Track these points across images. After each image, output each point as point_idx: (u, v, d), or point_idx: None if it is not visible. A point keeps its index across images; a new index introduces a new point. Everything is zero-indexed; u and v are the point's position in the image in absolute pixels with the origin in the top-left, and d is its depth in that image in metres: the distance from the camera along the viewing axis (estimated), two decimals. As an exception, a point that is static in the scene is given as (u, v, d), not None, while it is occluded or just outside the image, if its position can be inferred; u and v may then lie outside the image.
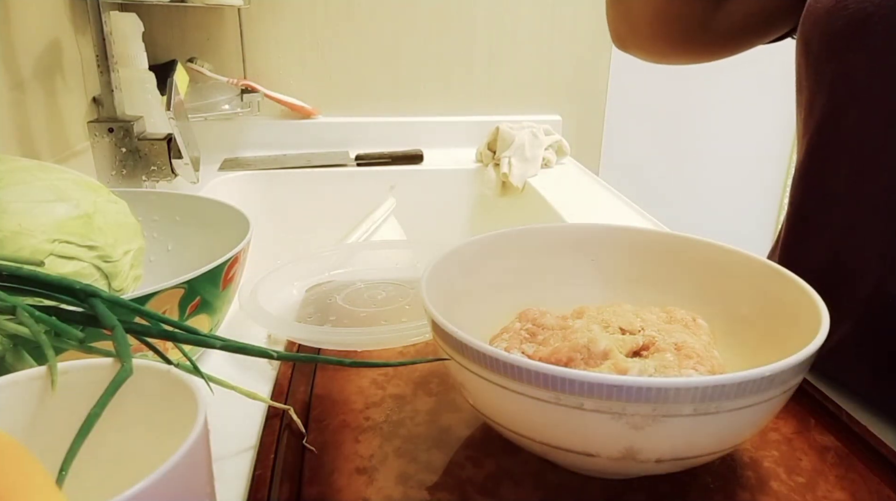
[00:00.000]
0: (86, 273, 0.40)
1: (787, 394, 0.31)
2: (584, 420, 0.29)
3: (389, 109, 1.20)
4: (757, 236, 1.48)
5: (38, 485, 0.21)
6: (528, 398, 0.29)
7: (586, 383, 0.27)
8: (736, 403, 0.28)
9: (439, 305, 0.35)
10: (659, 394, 0.27)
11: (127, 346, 0.28)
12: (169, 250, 0.56)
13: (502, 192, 1.05)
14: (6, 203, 0.39)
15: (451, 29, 1.18)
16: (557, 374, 0.28)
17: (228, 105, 1.09)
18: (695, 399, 0.27)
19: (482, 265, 0.44)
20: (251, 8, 1.09)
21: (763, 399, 0.29)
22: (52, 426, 0.27)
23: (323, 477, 0.35)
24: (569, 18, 1.20)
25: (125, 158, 0.75)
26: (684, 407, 0.27)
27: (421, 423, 0.39)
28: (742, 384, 0.27)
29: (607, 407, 0.28)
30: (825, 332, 0.31)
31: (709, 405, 0.28)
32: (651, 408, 0.27)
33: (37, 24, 0.76)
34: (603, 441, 0.29)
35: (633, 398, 0.27)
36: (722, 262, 0.43)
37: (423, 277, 0.38)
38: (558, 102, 1.26)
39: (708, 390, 0.27)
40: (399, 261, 0.64)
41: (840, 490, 0.34)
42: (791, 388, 0.31)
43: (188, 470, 0.23)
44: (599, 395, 0.27)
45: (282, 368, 0.45)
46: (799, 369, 0.29)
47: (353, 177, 1.06)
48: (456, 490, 0.34)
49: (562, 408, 0.29)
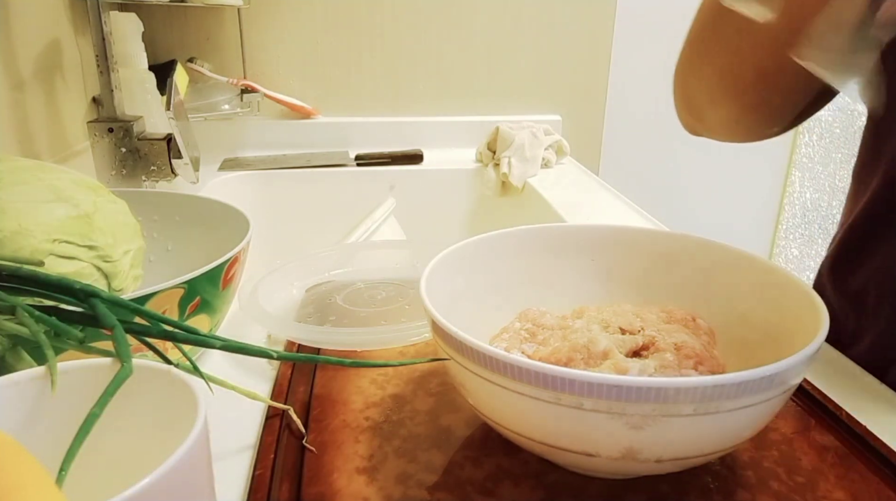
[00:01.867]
0: (85, 273, 0.40)
1: (787, 394, 0.31)
2: (584, 420, 0.28)
3: (389, 108, 1.20)
4: (757, 235, 1.48)
5: (38, 485, 0.21)
6: (528, 398, 0.29)
7: (586, 383, 0.27)
8: (736, 403, 0.28)
9: (439, 305, 0.35)
10: (659, 394, 0.27)
11: (127, 346, 0.28)
12: (169, 250, 0.56)
13: (502, 192, 1.05)
14: (6, 203, 0.39)
15: (451, 29, 1.18)
16: (557, 374, 0.28)
17: (228, 105, 1.09)
18: (695, 399, 0.27)
19: (482, 265, 0.44)
20: (251, 8, 1.09)
21: (763, 399, 0.29)
22: (52, 426, 0.27)
23: (323, 477, 0.35)
24: (569, 18, 1.20)
25: (125, 158, 0.75)
26: (684, 407, 0.27)
27: (421, 423, 0.39)
28: (742, 384, 0.27)
29: (607, 407, 0.28)
30: (825, 332, 0.31)
31: (709, 405, 0.28)
32: (651, 408, 0.27)
33: (37, 24, 0.76)
34: (603, 441, 0.29)
35: (633, 398, 0.27)
36: (722, 261, 0.43)
37: (423, 277, 0.38)
38: (558, 102, 1.26)
39: (708, 390, 0.27)
40: (399, 261, 0.64)
41: (840, 490, 0.34)
42: (791, 388, 0.31)
43: (188, 470, 0.23)
44: (599, 395, 0.27)
45: (281, 368, 0.45)
46: (799, 369, 0.29)
47: (352, 177, 1.06)
48: (456, 490, 0.34)
49: (562, 408, 0.28)
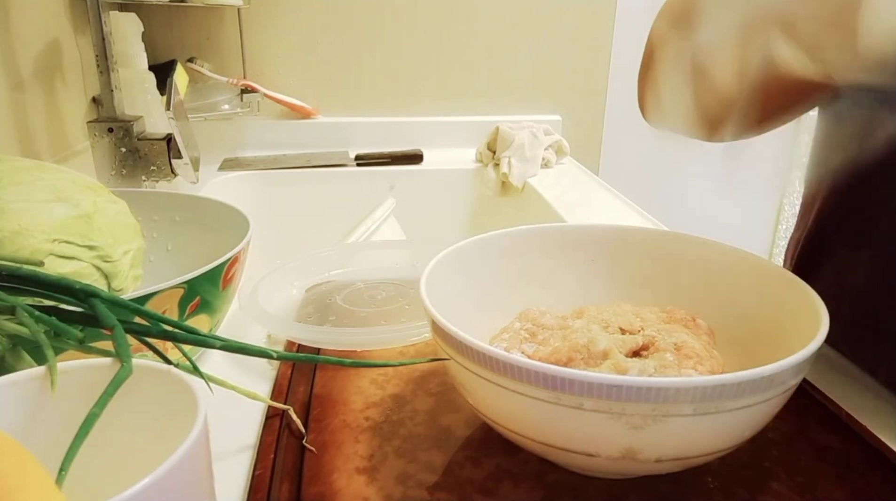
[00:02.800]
0: (85, 273, 0.40)
1: (787, 394, 0.31)
2: (584, 420, 0.28)
3: (389, 108, 1.20)
4: (757, 235, 1.47)
5: (38, 485, 0.21)
6: (528, 398, 0.29)
7: (586, 382, 0.27)
8: (736, 403, 0.28)
9: (439, 305, 0.35)
10: (659, 394, 0.27)
11: (126, 346, 0.28)
12: (169, 250, 0.56)
13: (502, 192, 1.05)
14: (6, 203, 0.39)
15: (451, 29, 1.18)
16: (557, 374, 0.28)
17: (228, 105, 1.09)
18: (695, 399, 0.27)
19: (482, 265, 0.44)
20: (251, 8, 1.09)
21: (763, 399, 0.29)
22: (52, 426, 0.27)
23: (323, 477, 0.35)
24: (569, 18, 1.20)
25: (125, 158, 0.75)
26: (684, 407, 0.27)
27: (421, 423, 0.39)
28: (742, 384, 0.27)
29: (607, 407, 0.28)
30: (825, 332, 0.31)
31: (709, 404, 0.28)
32: (651, 408, 0.27)
33: (36, 24, 0.76)
34: (603, 441, 0.29)
35: (633, 398, 0.27)
36: (721, 261, 0.43)
37: (423, 277, 0.38)
38: (558, 102, 1.26)
39: (708, 390, 0.27)
40: (399, 261, 0.64)
41: (840, 490, 0.34)
42: (791, 388, 0.31)
43: (188, 470, 0.23)
44: (599, 395, 0.27)
45: (281, 368, 0.45)
46: (799, 369, 0.29)
47: (352, 177, 1.06)
48: (456, 490, 0.34)
49: (562, 408, 0.28)
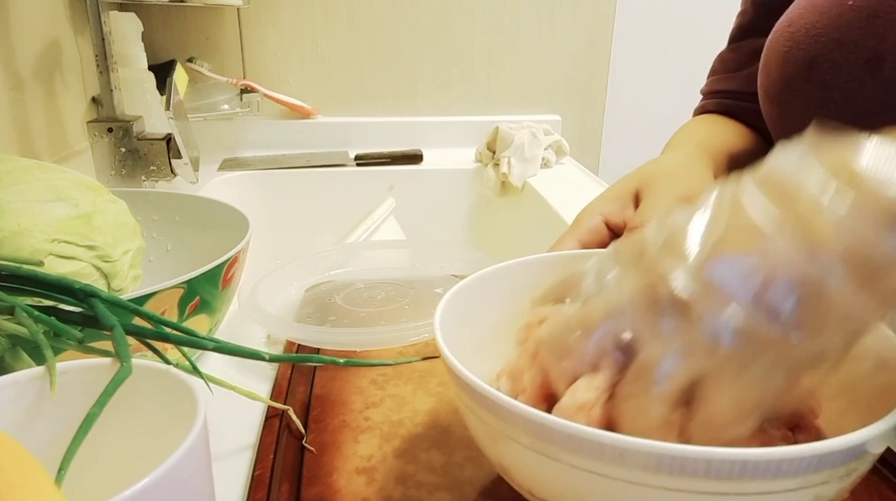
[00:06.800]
0: (85, 273, 0.40)
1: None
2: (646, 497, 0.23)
3: (389, 109, 1.20)
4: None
5: (38, 485, 0.21)
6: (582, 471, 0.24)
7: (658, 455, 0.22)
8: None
9: (456, 347, 0.29)
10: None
11: (126, 346, 0.28)
12: (168, 250, 0.56)
13: (502, 192, 1.05)
14: (6, 203, 0.39)
15: (450, 29, 1.17)
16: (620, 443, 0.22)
17: (228, 105, 1.09)
18: (798, 473, 0.22)
19: (499, 297, 0.38)
20: (250, 8, 1.09)
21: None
22: (52, 426, 0.27)
23: (322, 478, 0.35)
24: (568, 19, 1.20)
25: (124, 158, 0.75)
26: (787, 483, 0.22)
27: (420, 423, 0.39)
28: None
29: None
30: None
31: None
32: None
33: (36, 24, 0.75)
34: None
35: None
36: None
37: (438, 313, 0.33)
38: (558, 102, 1.25)
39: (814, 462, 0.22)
40: (399, 261, 0.64)
41: None
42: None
43: (188, 470, 0.23)
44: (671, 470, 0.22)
45: (281, 368, 0.45)
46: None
47: (352, 177, 1.06)
48: (456, 490, 0.34)
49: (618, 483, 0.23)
